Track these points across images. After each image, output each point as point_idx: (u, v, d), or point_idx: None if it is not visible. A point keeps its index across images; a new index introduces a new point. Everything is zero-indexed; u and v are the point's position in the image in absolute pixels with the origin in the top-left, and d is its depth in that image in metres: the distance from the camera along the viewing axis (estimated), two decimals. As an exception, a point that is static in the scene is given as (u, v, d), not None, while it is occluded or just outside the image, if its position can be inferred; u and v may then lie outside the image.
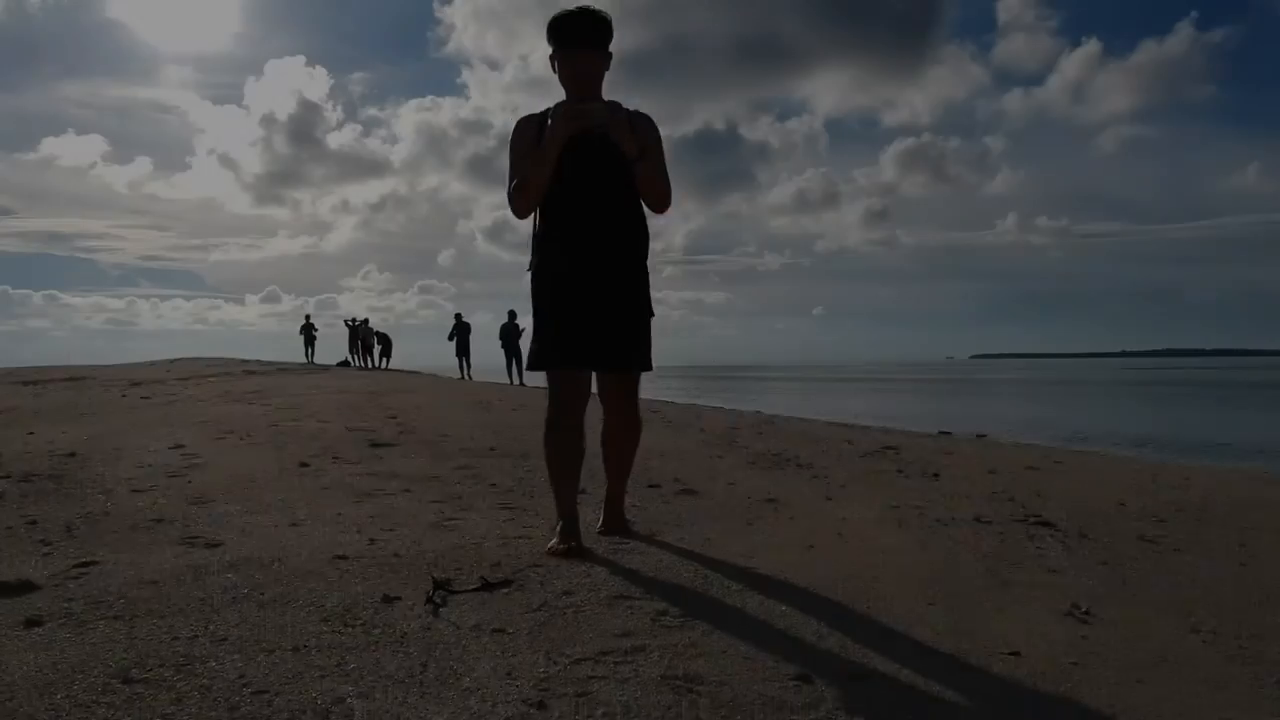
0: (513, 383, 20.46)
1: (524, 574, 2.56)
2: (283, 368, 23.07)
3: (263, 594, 2.32)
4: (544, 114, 2.92)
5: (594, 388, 3.03)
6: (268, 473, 4.54)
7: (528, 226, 3.03)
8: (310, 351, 30.24)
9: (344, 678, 1.76)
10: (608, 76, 2.95)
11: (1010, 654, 2.05)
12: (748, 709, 1.68)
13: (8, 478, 4.33)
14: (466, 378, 22.91)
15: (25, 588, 2.37)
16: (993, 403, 28.96)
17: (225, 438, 6.20)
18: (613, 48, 2.93)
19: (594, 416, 3.01)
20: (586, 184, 2.89)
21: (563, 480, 2.96)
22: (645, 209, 3.00)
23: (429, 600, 2.27)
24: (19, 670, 1.77)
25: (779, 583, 2.58)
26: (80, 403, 10.72)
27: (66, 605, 2.21)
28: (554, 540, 2.88)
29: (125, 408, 9.44)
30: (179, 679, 1.74)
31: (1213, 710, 1.81)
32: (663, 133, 2.96)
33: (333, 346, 32.13)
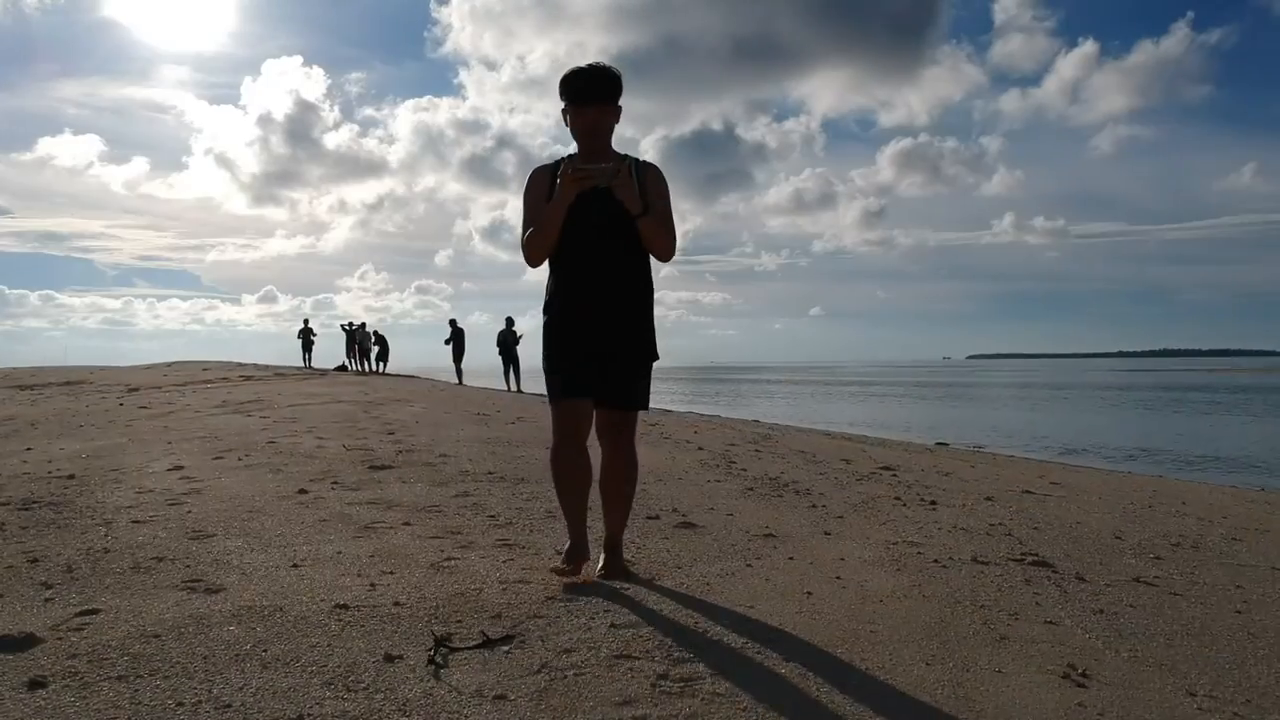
0: (509, 389, 20.57)
1: (524, 626, 2.57)
2: (280, 373, 23.08)
3: (265, 651, 2.33)
4: (556, 165, 3.05)
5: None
6: (267, 500, 4.55)
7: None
8: (308, 356, 30.24)
9: (347, 754, 1.77)
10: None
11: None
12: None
13: (7, 504, 4.34)
14: (460, 384, 23.09)
15: (28, 642, 2.38)
16: (989, 410, 29.11)
17: (224, 457, 6.21)
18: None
19: (593, 454, 3.09)
20: (594, 234, 3.02)
21: (570, 500, 3.12)
22: (650, 257, 3.13)
23: (430, 661, 2.28)
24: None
25: (779, 636, 2.59)
26: (78, 411, 10.72)
27: (70, 664, 2.21)
28: (559, 561, 3.18)
29: (123, 420, 9.44)
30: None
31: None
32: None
33: (330, 350, 32.17)
